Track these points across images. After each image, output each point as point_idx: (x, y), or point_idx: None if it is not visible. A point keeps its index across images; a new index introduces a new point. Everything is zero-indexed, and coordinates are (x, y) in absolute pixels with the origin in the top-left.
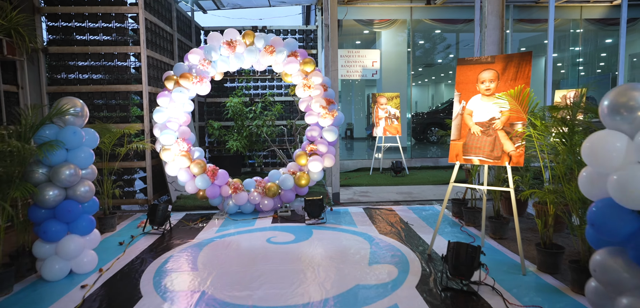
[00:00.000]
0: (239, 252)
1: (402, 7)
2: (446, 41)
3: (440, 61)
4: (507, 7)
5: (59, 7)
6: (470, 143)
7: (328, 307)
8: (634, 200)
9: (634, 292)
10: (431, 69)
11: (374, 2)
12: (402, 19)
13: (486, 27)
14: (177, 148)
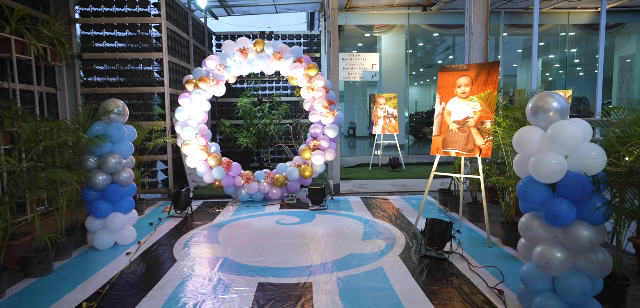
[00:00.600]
0: (252, 231)
1: (400, 14)
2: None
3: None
4: (498, 13)
5: (92, 18)
6: (448, 138)
7: (326, 268)
8: (544, 177)
9: (545, 242)
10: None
11: (373, 8)
12: (400, 24)
13: (472, 35)
14: (197, 143)
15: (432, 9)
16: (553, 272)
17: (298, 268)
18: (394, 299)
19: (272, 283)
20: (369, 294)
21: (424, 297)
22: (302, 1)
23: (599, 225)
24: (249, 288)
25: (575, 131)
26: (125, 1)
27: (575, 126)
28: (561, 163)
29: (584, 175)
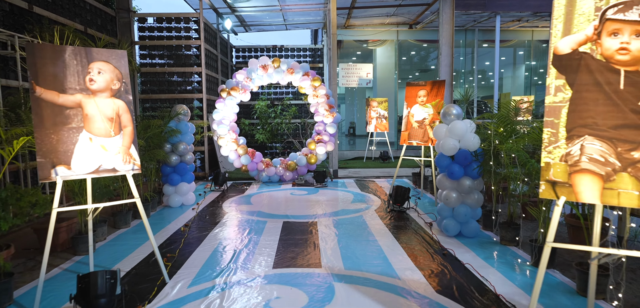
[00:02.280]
0: (273, 198)
1: (390, 30)
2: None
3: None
4: (473, 31)
5: (147, 41)
6: (412, 133)
7: (325, 215)
8: (447, 152)
9: (448, 189)
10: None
11: (368, 26)
12: (390, 39)
13: (441, 54)
14: (229, 137)
15: (417, 27)
16: (451, 204)
17: (307, 215)
18: (369, 233)
19: (292, 221)
20: (350, 226)
21: (385, 228)
22: (308, 21)
23: (476, 178)
24: (278, 223)
25: (463, 125)
26: (173, 27)
27: (463, 123)
28: (455, 144)
29: (468, 151)
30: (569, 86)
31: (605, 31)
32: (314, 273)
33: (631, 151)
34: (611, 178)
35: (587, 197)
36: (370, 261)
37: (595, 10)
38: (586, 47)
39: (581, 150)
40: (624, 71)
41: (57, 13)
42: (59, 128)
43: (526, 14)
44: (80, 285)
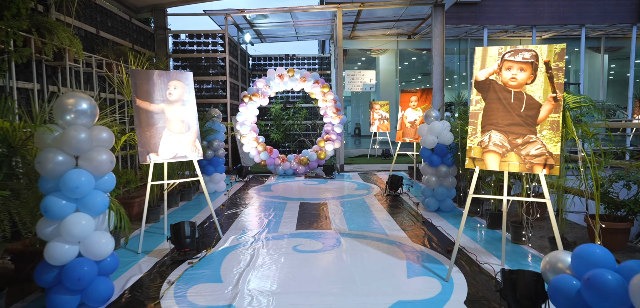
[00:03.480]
0: (289, 187)
1: (391, 40)
2: None
3: None
4: (466, 40)
5: (180, 54)
6: (405, 132)
7: (333, 199)
8: (428, 145)
9: (429, 174)
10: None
11: (371, 37)
12: (391, 48)
13: (433, 64)
14: (251, 136)
15: (415, 37)
16: (431, 186)
17: (319, 198)
18: (367, 209)
19: (307, 202)
20: (354, 205)
21: (381, 207)
22: (317, 34)
23: (450, 166)
24: (295, 204)
25: (440, 125)
26: (201, 42)
27: (440, 123)
28: (434, 139)
29: (444, 145)
30: (483, 100)
31: (503, 67)
32: (326, 233)
33: (516, 139)
34: (505, 155)
35: (492, 166)
36: (368, 226)
37: (498, 54)
38: (493, 76)
39: (489, 139)
40: (513, 91)
41: (115, 35)
42: (151, 127)
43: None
44: (173, 230)
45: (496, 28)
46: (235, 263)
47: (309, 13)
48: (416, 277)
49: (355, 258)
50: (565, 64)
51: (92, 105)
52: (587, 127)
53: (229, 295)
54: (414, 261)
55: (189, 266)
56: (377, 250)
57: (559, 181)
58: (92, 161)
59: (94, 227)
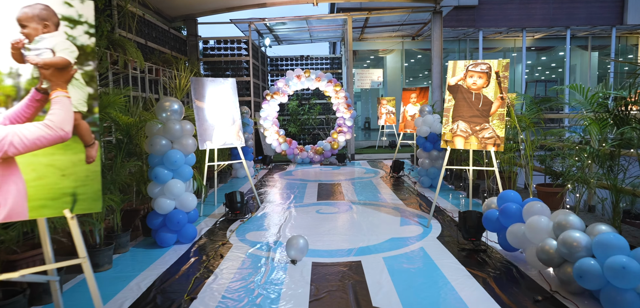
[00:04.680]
0: (307, 172)
1: (397, 41)
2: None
3: None
4: (465, 41)
5: (209, 57)
6: (407, 124)
7: (345, 180)
8: (422, 134)
9: (423, 158)
10: None
11: (378, 38)
12: (397, 48)
13: (432, 65)
14: (273, 129)
15: (419, 38)
16: (425, 167)
17: (333, 180)
18: (374, 187)
19: (323, 183)
20: (362, 184)
21: (385, 185)
22: (329, 36)
23: (441, 151)
24: (314, 184)
25: (432, 118)
26: (228, 47)
27: (432, 116)
28: (427, 129)
29: (436, 133)
30: (453, 99)
31: (467, 76)
32: (340, 202)
33: (475, 127)
34: (468, 138)
35: (459, 146)
36: (373, 198)
37: (464, 66)
38: (460, 82)
39: (457, 127)
40: (474, 93)
41: (158, 44)
42: (206, 121)
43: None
44: (227, 198)
45: (491, 30)
46: (274, 220)
47: (323, 20)
48: (406, 226)
49: (362, 217)
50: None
51: (180, 106)
52: (526, 118)
53: (274, 236)
54: (406, 217)
55: (241, 222)
56: (379, 212)
57: (506, 155)
58: (183, 144)
59: (184, 189)
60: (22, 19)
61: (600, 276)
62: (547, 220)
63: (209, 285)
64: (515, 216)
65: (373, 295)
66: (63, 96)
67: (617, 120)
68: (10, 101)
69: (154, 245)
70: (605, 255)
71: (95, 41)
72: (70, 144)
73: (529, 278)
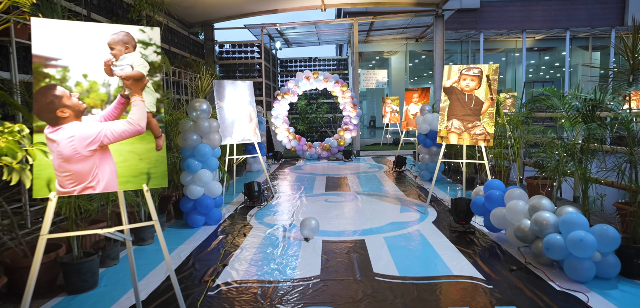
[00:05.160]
0: (316, 167)
1: (401, 43)
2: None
3: None
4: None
5: (224, 60)
6: (409, 122)
7: (351, 174)
8: (423, 132)
9: (423, 153)
10: None
11: (383, 40)
12: (401, 50)
13: (434, 66)
14: (283, 127)
15: (422, 40)
16: (425, 162)
17: (340, 174)
18: (378, 180)
19: (331, 176)
20: (367, 177)
21: (387, 178)
22: (336, 39)
23: (439, 147)
24: (323, 177)
25: (432, 116)
26: (242, 50)
27: (432, 115)
28: (427, 127)
29: (435, 130)
30: (448, 100)
31: (461, 79)
32: (346, 193)
33: (468, 124)
34: (461, 134)
35: (453, 141)
36: (377, 189)
37: (458, 70)
38: (454, 84)
39: (451, 124)
40: (467, 94)
41: (180, 49)
42: (227, 119)
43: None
44: (246, 187)
45: (492, 32)
46: (288, 207)
47: (330, 24)
48: (406, 212)
49: (366, 205)
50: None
51: (208, 106)
52: (514, 117)
53: (289, 219)
54: (406, 206)
55: (258, 208)
56: (382, 201)
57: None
58: (210, 139)
59: (211, 178)
60: (111, 43)
61: (564, 248)
62: (524, 203)
63: (237, 256)
64: (498, 201)
65: (374, 264)
66: (139, 100)
67: (585, 118)
68: (104, 104)
69: (185, 226)
70: (568, 231)
71: (161, 58)
72: (145, 136)
73: (508, 254)
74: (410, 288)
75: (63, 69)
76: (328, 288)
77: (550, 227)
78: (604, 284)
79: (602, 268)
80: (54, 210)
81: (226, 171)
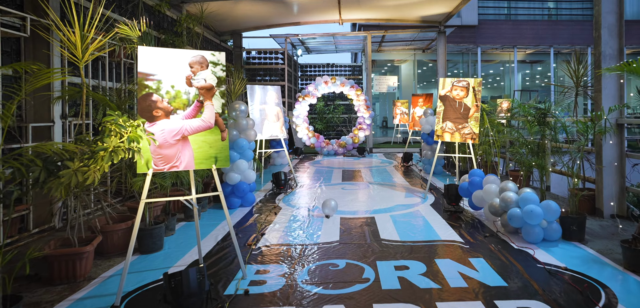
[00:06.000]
0: (333, 161)
1: (410, 53)
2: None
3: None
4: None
5: (251, 65)
6: (416, 123)
7: (364, 167)
8: (425, 131)
9: (426, 149)
10: None
11: (394, 50)
12: (410, 59)
13: (438, 75)
14: (304, 126)
15: (428, 51)
16: (428, 158)
17: (354, 168)
18: (387, 173)
19: (347, 169)
20: (378, 170)
21: (396, 171)
22: (352, 48)
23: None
24: (339, 170)
25: (431, 118)
26: (267, 56)
27: (433, 117)
28: (430, 127)
29: None
30: (443, 105)
31: (453, 89)
32: (360, 183)
33: (459, 126)
34: (453, 133)
35: (447, 139)
36: (387, 180)
37: (451, 83)
38: (448, 93)
39: (446, 125)
40: (458, 101)
41: None
42: (262, 119)
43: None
44: (274, 176)
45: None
46: (311, 193)
47: (347, 36)
48: (409, 197)
49: (377, 191)
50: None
51: (246, 107)
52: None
53: (312, 203)
54: (410, 192)
55: (285, 195)
56: (390, 189)
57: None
58: (247, 135)
59: (247, 167)
60: (191, 63)
61: (521, 218)
62: (496, 186)
63: (271, 228)
64: (478, 185)
65: (381, 233)
66: (210, 104)
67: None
68: (185, 107)
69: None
70: (524, 205)
71: (226, 74)
72: (214, 130)
73: (486, 227)
74: (407, 248)
75: (157, 82)
76: (345, 248)
77: (513, 203)
78: (549, 244)
79: (548, 232)
80: (149, 182)
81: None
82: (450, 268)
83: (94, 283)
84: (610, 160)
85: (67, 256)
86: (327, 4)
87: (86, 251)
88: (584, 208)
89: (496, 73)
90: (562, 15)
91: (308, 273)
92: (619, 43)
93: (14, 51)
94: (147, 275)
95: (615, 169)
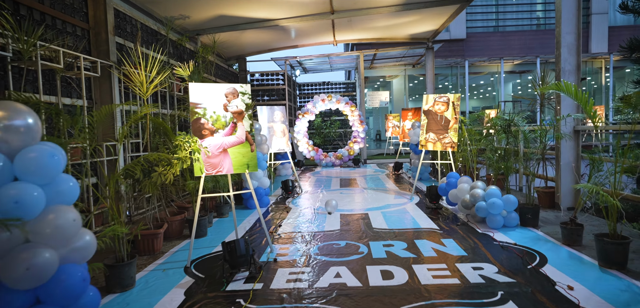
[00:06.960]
0: (331, 171)
1: (401, 68)
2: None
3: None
4: (456, 67)
5: (255, 86)
6: (406, 136)
7: (359, 176)
8: (413, 142)
9: (414, 158)
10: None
11: (385, 66)
12: (401, 74)
13: (426, 89)
14: (304, 140)
15: (418, 66)
16: (416, 165)
17: (350, 176)
18: (380, 180)
19: (344, 178)
20: (372, 178)
21: (388, 179)
22: (346, 66)
23: (426, 153)
24: (337, 178)
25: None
26: (269, 80)
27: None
28: (417, 138)
29: None
30: (426, 118)
31: (435, 104)
32: (355, 188)
33: (440, 136)
34: (435, 143)
35: (430, 148)
36: (379, 185)
37: (433, 98)
38: (431, 108)
39: (429, 136)
40: (439, 115)
41: (221, 78)
42: (271, 135)
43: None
44: (283, 184)
45: (475, 59)
46: (314, 197)
47: (340, 56)
48: (398, 198)
49: (370, 195)
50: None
51: (260, 125)
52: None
53: (315, 204)
54: (399, 195)
55: (293, 198)
56: (382, 193)
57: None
58: (261, 148)
59: (263, 174)
60: (226, 94)
61: (485, 209)
62: (467, 185)
63: (286, 221)
64: (454, 186)
65: (373, 224)
66: (241, 124)
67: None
68: (223, 127)
69: (244, 208)
70: (488, 198)
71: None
72: (245, 144)
73: (459, 218)
74: (394, 233)
75: (203, 109)
76: (345, 234)
77: (479, 197)
78: (508, 229)
79: (507, 220)
80: (203, 183)
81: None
82: (426, 246)
83: (166, 255)
84: (568, 161)
85: (149, 235)
86: (322, 27)
87: (160, 233)
88: (545, 202)
89: (487, 84)
90: (550, 24)
91: (318, 249)
92: (576, 59)
93: (78, 86)
94: (200, 251)
95: (571, 169)
